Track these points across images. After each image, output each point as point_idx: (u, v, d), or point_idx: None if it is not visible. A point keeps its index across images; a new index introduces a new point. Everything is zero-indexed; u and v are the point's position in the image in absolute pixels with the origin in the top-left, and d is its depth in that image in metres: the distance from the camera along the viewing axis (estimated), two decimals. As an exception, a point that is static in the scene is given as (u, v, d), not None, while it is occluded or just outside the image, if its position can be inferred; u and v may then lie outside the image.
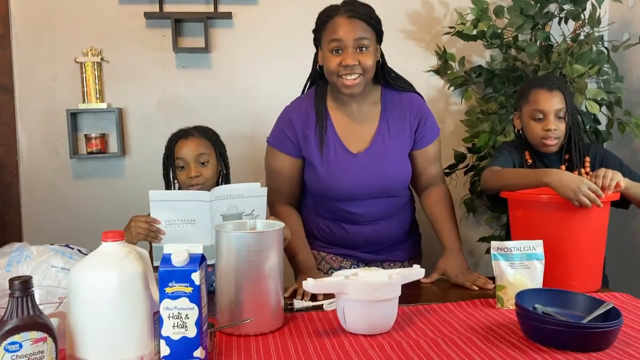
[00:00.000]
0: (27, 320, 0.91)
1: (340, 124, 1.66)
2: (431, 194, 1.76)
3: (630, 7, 2.37)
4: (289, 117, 1.67)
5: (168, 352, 1.00)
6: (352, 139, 1.65)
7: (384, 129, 1.66)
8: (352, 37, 1.52)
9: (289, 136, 1.66)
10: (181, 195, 1.50)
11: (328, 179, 1.63)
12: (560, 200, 1.45)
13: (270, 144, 1.70)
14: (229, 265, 1.20)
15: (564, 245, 1.46)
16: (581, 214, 1.45)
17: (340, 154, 1.64)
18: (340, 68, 1.54)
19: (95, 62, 2.31)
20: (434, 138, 1.72)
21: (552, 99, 1.67)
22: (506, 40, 2.28)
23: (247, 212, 1.47)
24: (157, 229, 1.43)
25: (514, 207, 1.59)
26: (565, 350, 1.08)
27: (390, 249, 1.76)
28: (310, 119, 1.65)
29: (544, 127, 1.67)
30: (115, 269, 1.00)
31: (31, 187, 2.36)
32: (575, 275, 1.47)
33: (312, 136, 1.64)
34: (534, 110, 1.68)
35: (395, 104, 1.68)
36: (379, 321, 1.20)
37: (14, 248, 1.29)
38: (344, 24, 1.53)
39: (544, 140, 1.68)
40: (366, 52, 1.54)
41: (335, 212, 1.69)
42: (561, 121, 1.68)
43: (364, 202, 1.66)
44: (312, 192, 1.71)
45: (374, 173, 1.63)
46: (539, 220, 1.50)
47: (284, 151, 1.67)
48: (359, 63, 1.54)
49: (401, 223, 1.75)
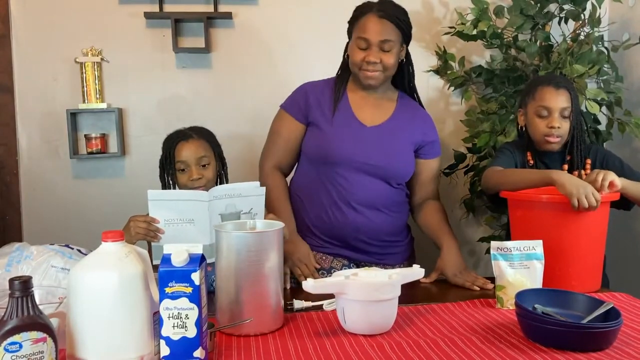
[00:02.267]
0: (27, 321, 0.91)
1: (355, 102, 1.75)
2: (427, 206, 1.80)
3: (630, 7, 2.37)
4: (305, 87, 1.79)
5: (168, 352, 1.00)
6: (365, 115, 1.73)
7: (396, 119, 1.74)
8: (378, 38, 1.62)
9: (299, 101, 1.76)
10: (180, 194, 1.49)
11: (333, 140, 1.68)
12: (560, 200, 1.45)
13: (282, 106, 1.80)
14: (229, 265, 1.20)
15: (564, 246, 1.46)
16: (582, 214, 1.45)
17: (350, 120, 1.71)
18: (363, 63, 1.65)
19: (95, 62, 2.31)
20: (437, 154, 1.82)
21: (559, 97, 1.67)
22: (506, 40, 2.28)
23: (246, 210, 1.47)
24: (156, 228, 1.43)
25: (514, 207, 1.59)
26: (565, 350, 1.09)
27: (380, 249, 1.74)
28: (326, 92, 1.75)
29: (547, 124, 1.67)
30: (115, 269, 1.00)
31: (31, 187, 2.36)
32: (576, 276, 1.47)
33: (326, 102, 1.73)
34: (540, 107, 1.68)
35: (410, 109, 1.78)
36: (379, 321, 1.20)
37: (14, 248, 1.29)
38: (374, 23, 1.63)
39: (546, 137, 1.68)
40: (389, 53, 1.64)
41: (333, 186, 1.69)
42: (565, 120, 1.68)
43: (360, 176, 1.67)
44: (312, 157, 1.74)
45: (379, 148, 1.69)
46: (539, 220, 1.50)
47: (290, 113, 1.76)
48: (381, 61, 1.64)
49: (393, 221, 1.74)
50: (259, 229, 1.30)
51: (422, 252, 1.89)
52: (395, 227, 1.76)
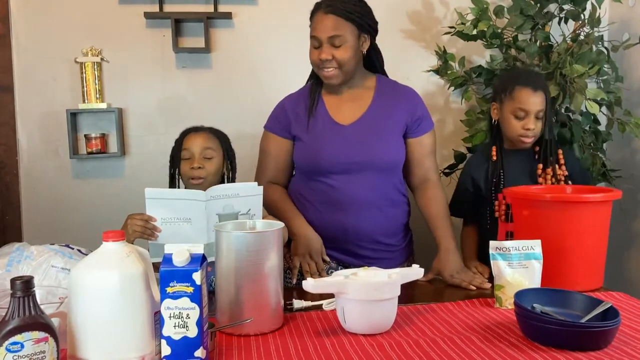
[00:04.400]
0: (28, 320, 0.91)
1: (331, 103, 1.73)
2: (426, 190, 1.76)
3: (630, 7, 2.38)
4: (282, 103, 1.79)
5: (169, 351, 1.00)
6: (342, 114, 1.71)
7: (376, 107, 1.71)
8: (325, 34, 1.60)
9: (279, 118, 1.75)
10: (177, 194, 1.49)
11: (314, 148, 1.67)
12: (563, 199, 1.49)
13: (265, 127, 1.80)
14: (229, 265, 1.20)
15: (568, 243, 1.47)
16: (585, 212, 1.47)
17: (327, 125, 1.69)
18: (319, 61, 1.63)
19: (95, 62, 2.31)
20: (429, 129, 1.76)
21: (536, 99, 1.73)
22: (506, 40, 2.28)
23: (243, 211, 1.47)
24: (153, 226, 1.43)
25: (520, 207, 1.59)
26: (564, 350, 1.09)
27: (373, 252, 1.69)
28: (301, 102, 1.74)
29: (523, 125, 1.73)
30: (116, 269, 1.00)
31: (31, 187, 2.36)
32: (580, 273, 1.49)
33: (302, 113, 1.72)
34: (517, 109, 1.74)
35: (389, 91, 1.74)
36: (379, 321, 1.20)
37: (14, 248, 1.30)
38: (321, 20, 1.61)
39: (521, 138, 1.75)
40: (341, 47, 1.61)
41: (319, 192, 1.68)
42: (539, 121, 1.75)
43: (347, 176, 1.65)
44: (300, 167, 1.74)
45: (360, 142, 1.66)
46: (544, 219, 1.50)
47: (273, 131, 1.76)
48: (334, 57, 1.61)
49: (387, 221, 1.70)
50: (258, 228, 1.30)
51: (421, 250, 1.89)
52: (390, 227, 1.72)
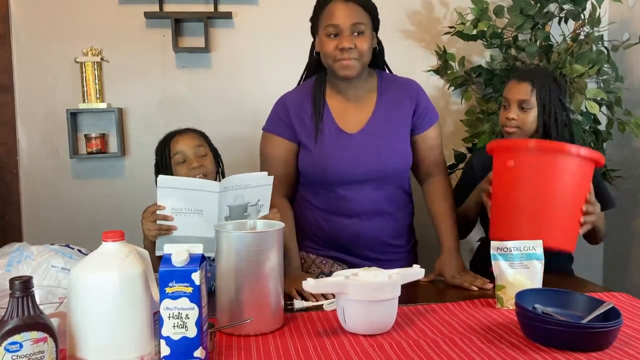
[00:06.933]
0: (27, 320, 0.91)
1: (336, 108, 1.66)
2: (432, 185, 1.74)
3: (630, 7, 2.38)
4: (284, 102, 1.69)
5: (168, 352, 1.00)
6: (348, 121, 1.65)
7: (381, 110, 1.67)
8: (348, 22, 1.54)
9: (283, 119, 1.67)
10: (191, 183, 1.43)
11: (322, 160, 1.62)
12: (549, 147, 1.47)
13: (265, 129, 1.71)
14: (229, 265, 1.20)
15: (551, 195, 1.45)
16: (570, 164, 1.45)
17: (335, 134, 1.64)
18: (337, 52, 1.56)
19: (95, 62, 2.31)
20: (433, 121, 1.73)
21: (519, 88, 1.70)
22: (506, 40, 2.28)
23: (253, 202, 1.45)
24: (168, 227, 1.41)
25: (502, 159, 1.54)
26: (565, 350, 1.09)
27: (382, 255, 1.69)
28: (305, 103, 1.67)
29: (506, 115, 1.73)
30: (115, 269, 1.00)
31: (31, 187, 2.36)
32: (558, 228, 1.47)
33: (307, 119, 1.65)
34: (503, 98, 1.76)
35: (391, 87, 1.70)
36: (379, 321, 1.20)
37: (14, 248, 1.29)
38: (341, 8, 1.55)
39: (504, 128, 1.75)
40: (362, 36, 1.56)
41: (329, 201, 1.66)
42: (525, 112, 1.69)
43: (358, 187, 1.63)
44: (307, 177, 1.69)
45: (369, 152, 1.62)
46: (527, 169, 1.47)
47: (278, 134, 1.67)
48: (355, 47, 1.55)
49: (395, 223, 1.70)
50: (258, 229, 1.30)
51: (423, 250, 1.89)
52: (397, 229, 1.72)
